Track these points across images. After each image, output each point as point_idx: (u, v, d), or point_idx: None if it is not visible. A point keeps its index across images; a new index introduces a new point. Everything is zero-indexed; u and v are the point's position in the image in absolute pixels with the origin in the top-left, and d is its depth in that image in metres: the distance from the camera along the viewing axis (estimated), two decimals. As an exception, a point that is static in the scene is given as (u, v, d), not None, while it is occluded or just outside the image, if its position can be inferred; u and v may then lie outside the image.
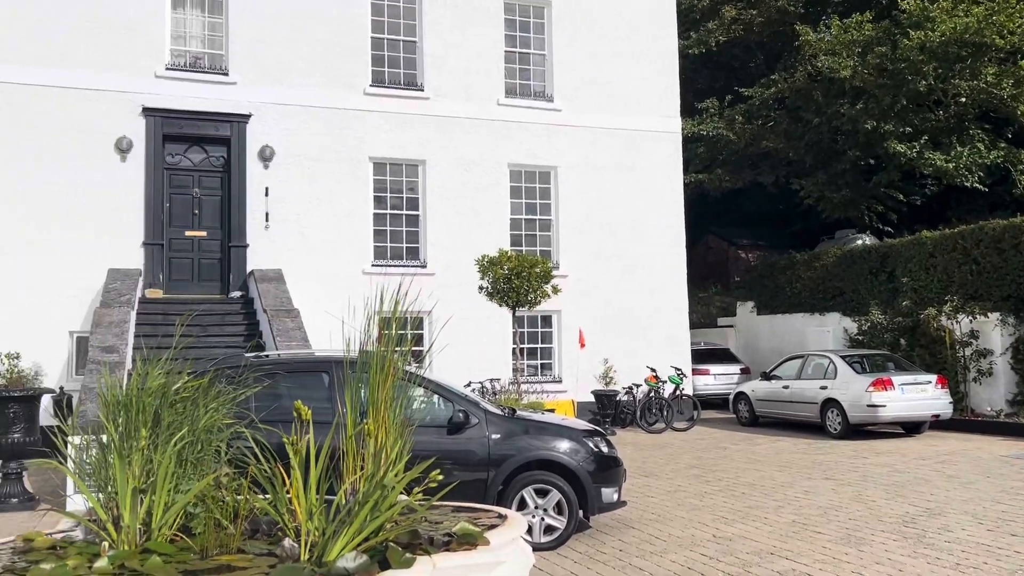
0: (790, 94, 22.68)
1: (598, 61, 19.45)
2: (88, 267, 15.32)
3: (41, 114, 15.44)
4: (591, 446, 7.94)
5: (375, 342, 6.22)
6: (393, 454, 5.96)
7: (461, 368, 17.46)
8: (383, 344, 6.20)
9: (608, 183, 19.39)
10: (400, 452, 6.19)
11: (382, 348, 6.19)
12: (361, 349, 6.35)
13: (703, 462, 13.12)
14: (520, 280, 12.50)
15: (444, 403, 7.73)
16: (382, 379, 6.14)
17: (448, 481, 7.61)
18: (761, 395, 18.08)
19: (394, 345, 6.42)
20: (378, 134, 17.70)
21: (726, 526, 8.57)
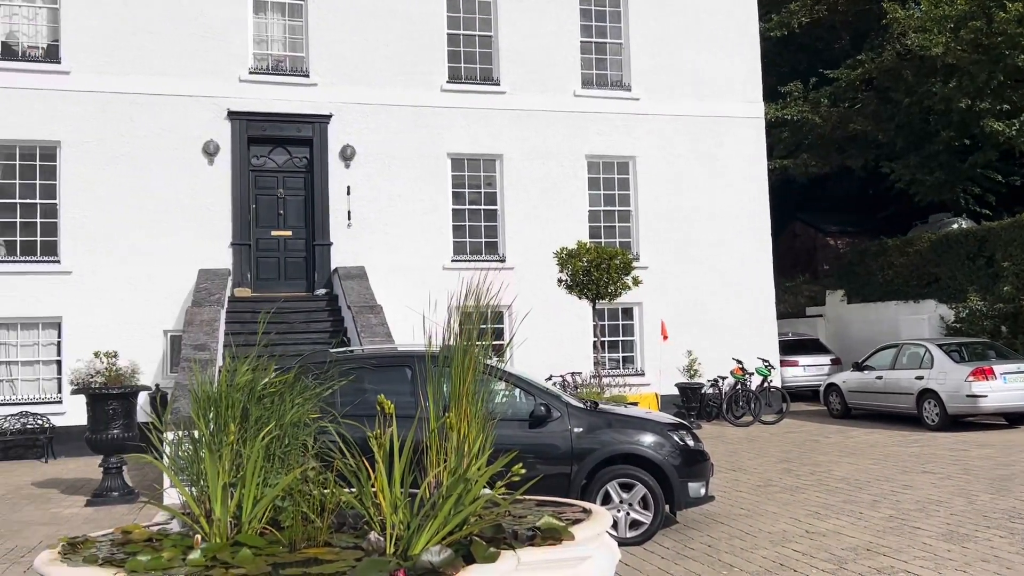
0: (878, 74, 21.84)
1: (676, 47, 19.11)
2: (180, 268, 15.83)
3: (134, 121, 16.00)
4: (676, 440, 7.79)
5: (456, 336, 6.23)
6: (476, 448, 5.96)
7: (541, 362, 17.44)
8: (464, 338, 6.21)
9: (689, 172, 19.04)
10: (483, 446, 6.20)
11: (463, 342, 6.20)
12: (443, 343, 6.37)
13: (793, 455, 12.77)
14: (600, 272, 12.35)
15: (525, 397, 7.69)
16: (464, 373, 6.15)
17: (531, 475, 7.59)
18: (853, 386, 17.50)
19: (475, 339, 6.42)
20: (455, 130, 17.77)
21: (819, 521, 8.30)
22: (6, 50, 15.79)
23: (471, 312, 6.34)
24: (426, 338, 6.44)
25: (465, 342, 6.14)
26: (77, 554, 3.93)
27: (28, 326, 15.55)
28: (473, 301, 6.32)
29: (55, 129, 15.64)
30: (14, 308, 15.32)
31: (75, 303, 15.46)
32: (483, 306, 6.85)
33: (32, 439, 14.78)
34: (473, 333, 6.30)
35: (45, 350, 15.59)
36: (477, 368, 6.14)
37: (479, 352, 6.27)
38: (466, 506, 4.57)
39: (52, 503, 10.55)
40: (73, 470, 13.41)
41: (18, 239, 15.62)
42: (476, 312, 6.32)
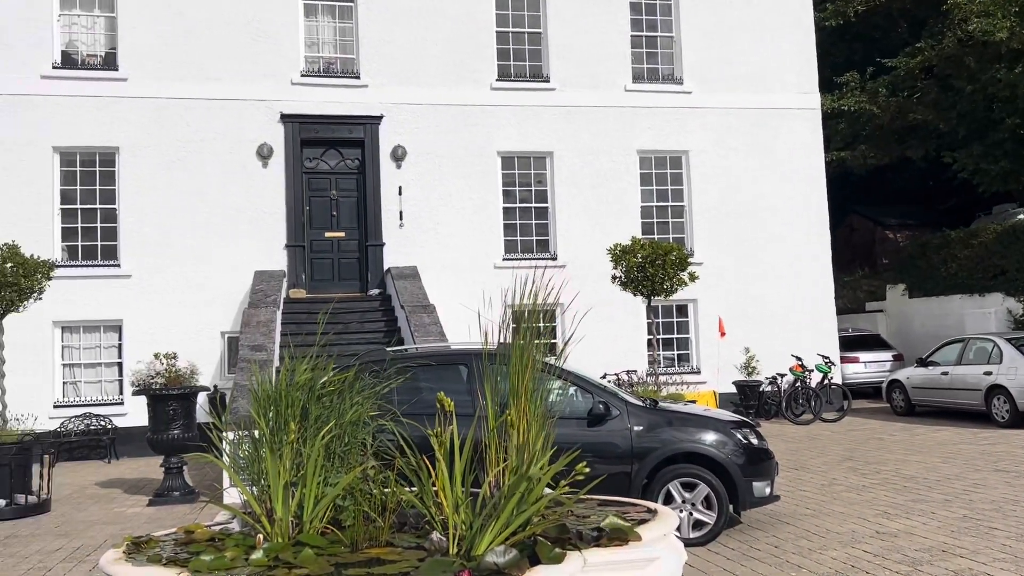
0: (938, 62, 21.18)
1: (729, 39, 18.79)
2: (236, 270, 16.02)
3: (190, 126, 16.24)
4: (739, 438, 7.59)
5: (513, 333, 6.14)
6: (537, 446, 5.85)
7: (595, 360, 17.19)
8: (521, 335, 6.11)
9: (743, 165, 18.70)
10: (544, 444, 6.09)
11: (520, 340, 6.10)
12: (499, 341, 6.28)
13: (858, 454, 12.42)
14: (655, 268, 12.14)
15: (583, 395, 7.56)
16: (522, 371, 6.04)
17: (591, 475, 7.47)
18: (917, 382, 17.00)
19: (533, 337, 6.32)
20: (505, 128, 17.70)
21: (889, 521, 8.02)
22: (66, 59, 16.15)
23: (528, 310, 6.25)
24: (482, 336, 6.37)
25: (522, 340, 6.06)
26: (141, 553, 3.92)
27: (90, 329, 15.88)
28: (530, 298, 6.23)
29: (114, 135, 15.95)
30: (77, 312, 15.65)
31: (135, 306, 15.74)
32: (540, 304, 6.75)
33: (95, 440, 15.08)
34: (530, 331, 6.22)
35: (107, 352, 15.90)
36: (535, 366, 6.06)
37: (537, 350, 6.19)
38: (529, 506, 4.47)
39: (115, 503, 10.72)
40: (135, 470, 13.64)
41: (80, 244, 15.96)
42: (533, 309, 6.24)
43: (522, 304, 6.21)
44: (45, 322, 15.32)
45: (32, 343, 15.21)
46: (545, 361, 7.45)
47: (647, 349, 13.86)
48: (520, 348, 6.04)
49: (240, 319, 14.28)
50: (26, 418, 11.04)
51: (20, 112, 15.62)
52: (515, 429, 5.32)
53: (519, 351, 6.02)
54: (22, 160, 15.57)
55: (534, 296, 6.26)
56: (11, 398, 13.71)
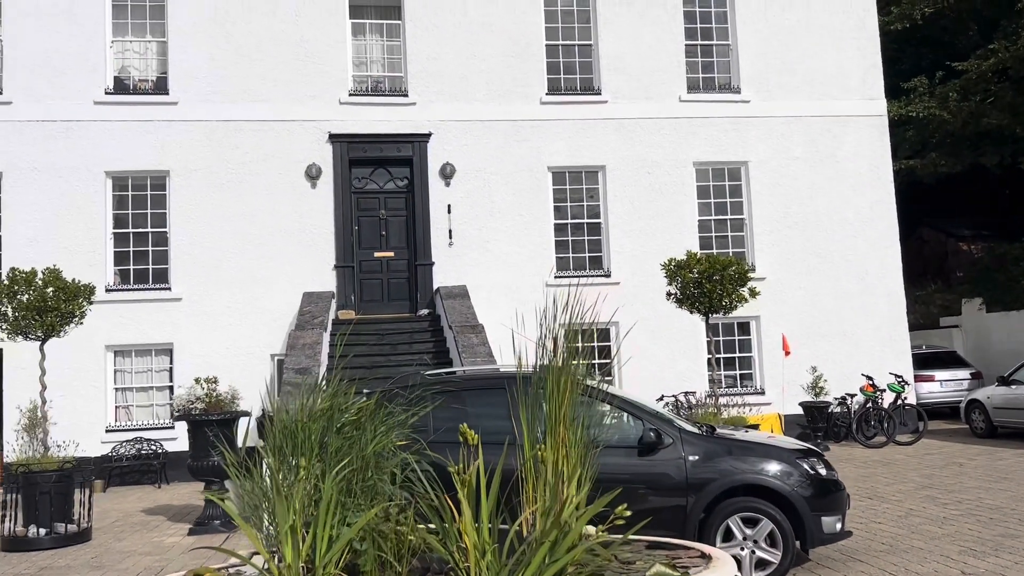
0: (1013, 63, 20.07)
1: (788, 45, 18.08)
2: (286, 292, 15.85)
3: (239, 148, 16.19)
4: (806, 468, 6.94)
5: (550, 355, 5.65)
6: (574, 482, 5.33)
7: (652, 381, 16.66)
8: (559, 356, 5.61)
9: (806, 176, 17.92)
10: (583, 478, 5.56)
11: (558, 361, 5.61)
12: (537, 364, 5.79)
13: (936, 481, 11.56)
14: (712, 284, 11.52)
15: (633, 421, 7.02)
16: (560, 396, 5.55)
17: (641, 509, 6.90)
18: (999, 402, 15.94)
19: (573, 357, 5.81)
20: (556, 143, 17.26)
21: (976, 559, 7.27)
22: (118, 85, 16.26)
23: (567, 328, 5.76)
24: (516, 357, 5.91)
25: (560, 361, 5.57)
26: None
27: (141, 352, 15.86)
28: (567, 316, 5.74)
29: (164, 159, 15.98)
30: (128, 335, 15.64)
31: (185, 329, 15.67)
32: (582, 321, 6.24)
33: (147, 464, 15.00)
34: (569, 351, 5.73)
35: (158, 376, 15.86)
36: (575, 390, 5.56)
37: (578, 372, 5.69)
38: (563, 553, 3.97)
39: (157, 531, 10.48)
40: (183, 496, 13.46)
41: (131, 267, 15.98)
42: (570, 327, 5.74)
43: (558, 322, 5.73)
44: (97, 346, 15.34)
45: (85, 367, 15.24)
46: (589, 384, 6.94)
47: (707, 369, 13.18)
48: (556, 371, 5.56)
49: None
50: (68, 444, 10.87)
51: (74, 138, 15.75)
52: (548, 463, 4.82)
53: (555, 374, 5.53)
54: (75, 186, 15.68)
55: (571, 313, 5.78)
56: (64, 422, 13.75)
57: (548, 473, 4.50)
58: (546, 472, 4.40)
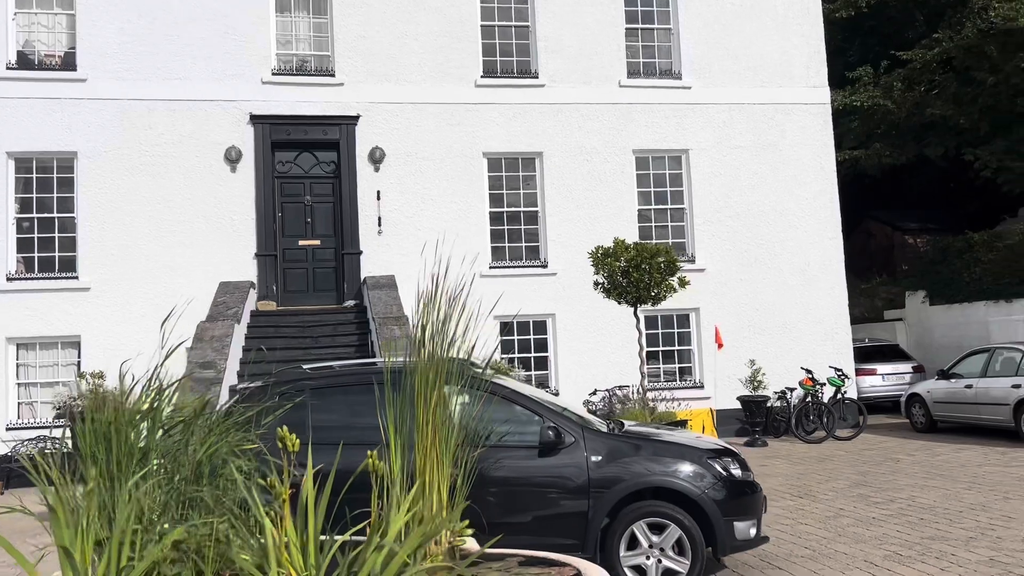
0: (957, 53, 19.83)
1: (731, 30, 17.61)
2: (203, 281, 14.99)
3: (153, 129, 15.29)
4: (718, 469, 6.39)
5: (421, 347, 5.02)
6: (437, 489, 4.71)
7: (588, 375, 16.16)
8: (427, 348, 4.99)
9: (747, 165, 17.48)
10: (462, 482, 4.96)
11: (426, 353, 4.98)
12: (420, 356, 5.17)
13: (871, 478, 11.15)
14: (640, 273, 10.97)
15: (532, 418, 6.40)
16: (427, 394, 4.92)
17: (539, 515, 6.29)
18: (939, 397, 15.67)
19: (445, 349, 5.19)
20: (492, 127, 16.60)
21: (901, 566, 6.78)
22: (22, 60, 15.26)
23: (439, 318, 5.14)
24: (385, 350, 5.25)
25: (428, 355, 4.95)
26: None
27: (47, 345, 14.91)
28: (436, 305, 5.13)
29: (72, 140, 15.02)
30: (33, 327, 14.69)
31: (94, 320, 14.76)
32: (457, 308, 5.61)
33: (49, 464, 14.05)
34: (443, 342, 5.11)
35: (64, 371, 14.91)
36: (440, 386, 4.94)
37: (454, 366, 5.07)
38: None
39: (38, 537, 9.64)
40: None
41: (36, 255, 15.01)
42: (442, 316, 5.12)
43: (428, 310, 5.11)
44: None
45: (-17, 361, 14.26)
46: (477, 377, 6.30)
47: (639, 363, 12.64)
48: (423, 366, 4.93)
49: (195, 333, 13.22)
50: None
51: (-27, 116, 14.73)
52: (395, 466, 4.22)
53: (424, 370, 4.90)
54: (-26, 166, 14.66)
55: (434, 296, 5.16)
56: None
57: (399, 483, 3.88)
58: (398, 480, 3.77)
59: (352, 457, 4.89)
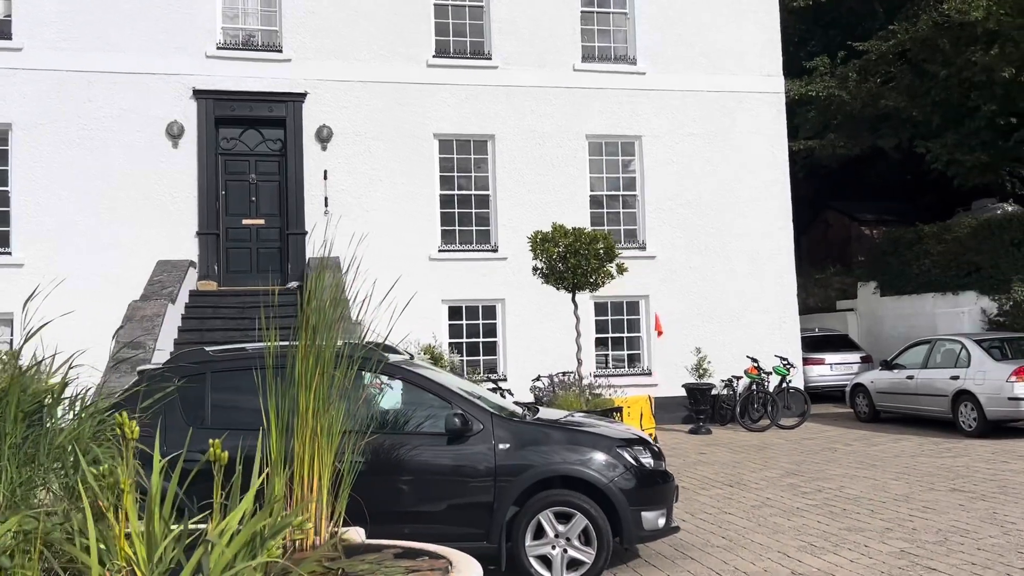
0: (912, 45, 19.89)
1: (687, 16, 17.49)
2: (141, 259, 14.63)
3: (92, 101, 14.88)
4: (628, 458, 6.30)
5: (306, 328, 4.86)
6: (317, 477, 4.58)
7: (537, 361, 16.03)
8: (310, 328, 4.83)
9: (700, 152, 17.41)
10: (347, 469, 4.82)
11: (309, 335, 4.82)
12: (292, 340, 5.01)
13: (804, 468, 11.17)
14: (578, 259, 10.85)
15: (442, 405, 6.26)
16: (309, 378, 4.76)
17: (446, 504, 6.16)
18: (882, 387, 15.78)
19: (334, 331, 5.04)
20: (443, 109, 16.38)
21: (812, 557, 6.75)
22: (-45, 27, 14.78)
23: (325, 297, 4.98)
24: (267, 333, 5.10)
25: (311, 335, 4.79)
26: None
27: (-22, 322, 14.53)
28: (322, 283, 4.97)
29: (6, 111, 14.57)
30: (-37, 303, 14.28)
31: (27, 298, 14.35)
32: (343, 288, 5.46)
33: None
34: (329, 323, 4.95)
35: (-4, 348, 14.52)
36: (327, 369, 4.78)
37: (348, 350, 4.92)
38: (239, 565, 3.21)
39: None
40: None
41: (-32, 229, 14.59)
42: (331, 295, 4.97)
43: (314, 289, 4.94)
44: (-74, 314, 13.97)
45: (-90, 337, 13.86)
46: (384, 361, 6.14)
47: (576, 349, 12.55)
48: (307, 350, 4.77)
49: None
50: None
51: (-98, 84, 14.24)
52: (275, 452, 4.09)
53: (305, 354, 4.74)
54: (-97, 136, 14.20)
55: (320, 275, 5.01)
56: None
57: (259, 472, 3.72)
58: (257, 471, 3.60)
59: (251, 442, 4.73)
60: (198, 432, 6.05)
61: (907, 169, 25.80)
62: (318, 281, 4.80)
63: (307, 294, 4.82)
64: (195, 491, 5.00)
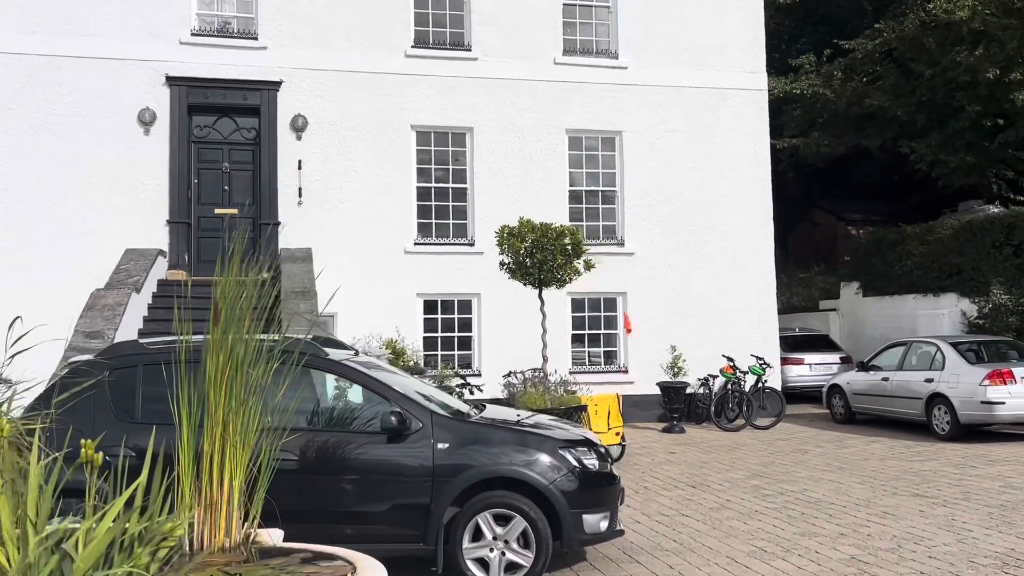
0: (898, 44, 19.73)
1: (670, 11, 17.31)
2: (111, 247, 14.40)
3: (62, 86, 14.66)
4: (570, 460, 6.14)
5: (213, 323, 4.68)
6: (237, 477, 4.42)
7: (511, 356, 15.85)
8: (223, 320, 4.65)
9: (681, 149, 17.25)
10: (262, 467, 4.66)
11: (221, 327, 4.65)
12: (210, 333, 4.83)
13: (771, 469, 11.04)
14: (544, 254, 10.69)
15: (380, 401, 6.11)
16: (220, 373, 4.59)
17: (384, 505, 5.99)
18: (858, 388, 15.66)
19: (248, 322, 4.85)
20: (421, 100, 16.19)
21: (759, 563, 6.62)
22: (-77, 8, 14.53)
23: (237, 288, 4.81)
24: (180, 326, 4.94)
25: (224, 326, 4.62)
26: None
27: (-57, 308, 14.29)
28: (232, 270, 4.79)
29: (-26, 94, 14.36)
30: (-72, 289, 14.07)
31: (-7, 284, 14.17)
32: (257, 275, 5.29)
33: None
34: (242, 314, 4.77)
35: (-39, 335, 14.32)
36: (244, 368, 4.61)
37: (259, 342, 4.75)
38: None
39: None
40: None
41: (-66, 214, 14.37)
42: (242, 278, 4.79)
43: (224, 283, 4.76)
44: None
45: None
46: (318, 356, 5.97)
47: (541, 346, 12.41)
48: (219, 344, 4.60)
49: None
50: None
51: None
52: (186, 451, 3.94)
53: (216, 348, 4.57)
54: None
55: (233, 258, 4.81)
56: None
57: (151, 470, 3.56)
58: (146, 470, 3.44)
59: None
60: (128, 427, 5.91)
61: (895, 169, 25.67)
62: (227, 273, 4.62)
63: (219, 287, 4.64)
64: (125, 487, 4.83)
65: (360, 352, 7.27)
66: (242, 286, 4.82)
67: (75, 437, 5.87)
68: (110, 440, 5.89)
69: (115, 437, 5.91)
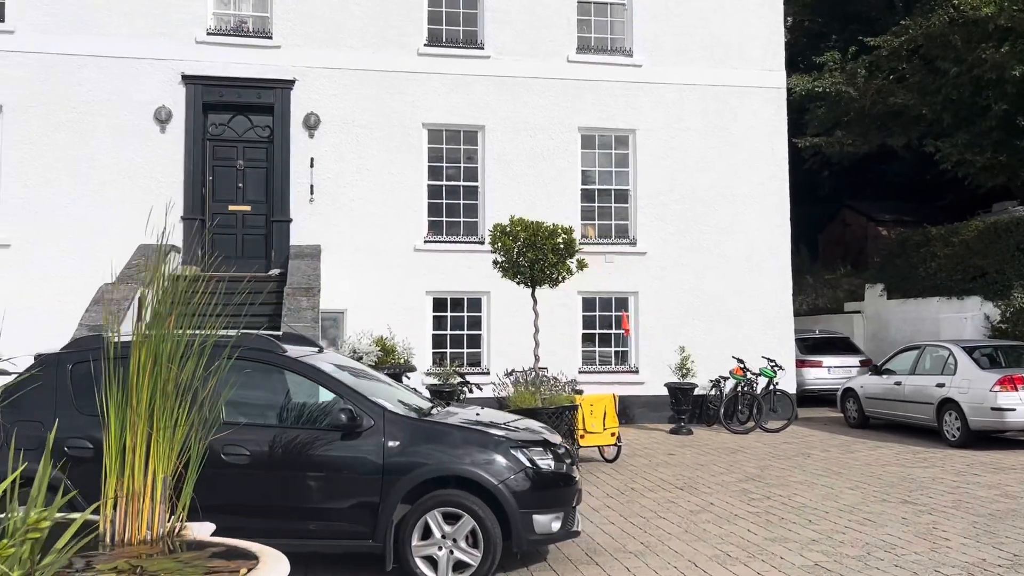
0: (925, 41, 19.28)
1: (687, 8, 17.14)
2: (126, 243, 14.70)
3: (81, 85, 15.00)
4: (523, 460, 6.14)
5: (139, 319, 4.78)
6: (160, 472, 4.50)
7: (519, 354, 15.81)
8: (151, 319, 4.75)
9: (697, 147, 17.08)
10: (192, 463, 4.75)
11: (146, 323, 4.75)
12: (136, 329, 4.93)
13: (768, 473, 10.90)
14: (536, 253, 10.67)
15: (329, 397, 6.16)
16: (143, 368, 4.68)
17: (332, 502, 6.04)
18: (871, 392, 15.37)
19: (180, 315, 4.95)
20: (433, 98, 16.25)
21: (720, 568, 6.55)
22: (-51, 9, 14.98)
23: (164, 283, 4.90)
24: (107, 320, 5.03)
25: (149, 323, 4.72)
26: None
27: (-35, 301, 14.72)
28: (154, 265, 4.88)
29: (-3, 92, 14.76)
30: (-50, 282, 14.51)
31: (10, 280, 14.52)
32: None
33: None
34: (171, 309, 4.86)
35: (-18, 326, 14.74)
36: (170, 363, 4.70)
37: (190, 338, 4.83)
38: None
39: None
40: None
41: (-43, 209, 14.80)
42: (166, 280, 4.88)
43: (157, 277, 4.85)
44: (-87, 291, 14.20)
45: (-103, 313, 14.10)
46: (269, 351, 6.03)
47: (534, 345, 12.39)
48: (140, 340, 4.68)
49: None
50: None
51: None
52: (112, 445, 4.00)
53: (139, 344, 4.65)
54: None
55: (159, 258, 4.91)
56: None
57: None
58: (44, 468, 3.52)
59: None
60: (87, 419, 6.04)
61: (926, 169, 25.09)
62: (156, 268, 4.71)
63: (152, 282, 4.73)
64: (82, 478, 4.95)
65: (326, 349, 7.33)
66: (174, 283, 4.93)
67: (36, 429, 6.06)
68: (70, 432, 6.06)
69: (74, 429, 6.07)
